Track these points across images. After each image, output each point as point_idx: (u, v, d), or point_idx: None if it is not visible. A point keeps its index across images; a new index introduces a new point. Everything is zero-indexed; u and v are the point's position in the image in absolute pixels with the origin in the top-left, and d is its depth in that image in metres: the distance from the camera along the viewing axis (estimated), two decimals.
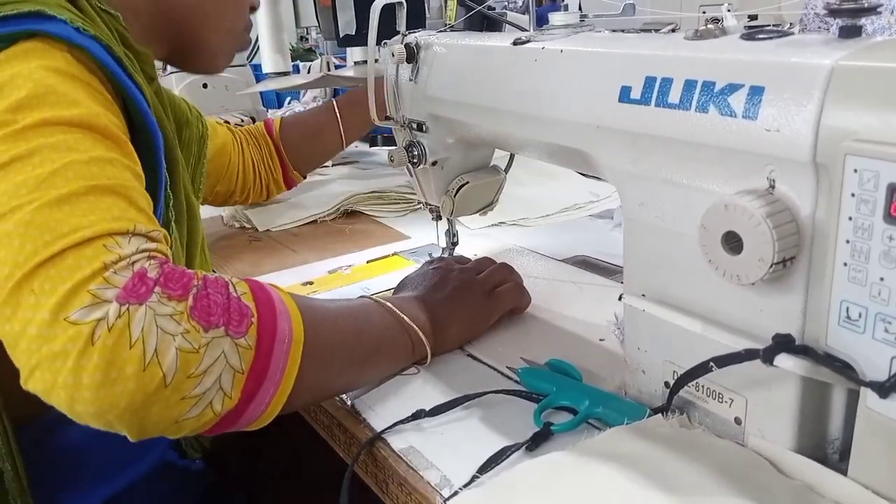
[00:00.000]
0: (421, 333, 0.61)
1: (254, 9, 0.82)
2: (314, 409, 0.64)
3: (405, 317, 0.61)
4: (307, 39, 2.57)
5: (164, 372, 0.41)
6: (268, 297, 0.49)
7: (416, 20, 0.79)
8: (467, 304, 0.67)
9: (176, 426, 0.44)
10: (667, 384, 0.52)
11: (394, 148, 0.81)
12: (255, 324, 0.46)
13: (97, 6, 0.59)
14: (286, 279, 0.90)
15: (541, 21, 0.64)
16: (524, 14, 1.03)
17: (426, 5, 0.79)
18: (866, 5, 0.40)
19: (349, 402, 0.60)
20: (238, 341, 0.44)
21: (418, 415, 0.56)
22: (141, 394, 0.41)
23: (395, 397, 0.61)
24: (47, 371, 0.41)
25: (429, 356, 0.63)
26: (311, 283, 0.88)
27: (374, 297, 0.63)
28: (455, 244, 0.86)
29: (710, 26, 0.48)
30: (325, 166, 1.39)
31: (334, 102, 1.17)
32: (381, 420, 0.57)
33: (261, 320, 0.46)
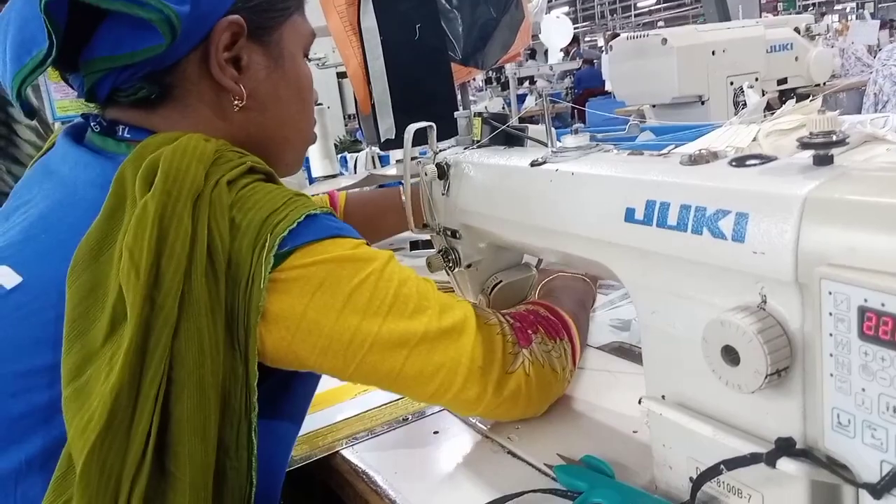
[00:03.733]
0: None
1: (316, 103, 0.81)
2: None
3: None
4: (353, 119, 2.69)
5: (557, 371, 0.72)
6: (552, 309, 0.77)
7: (449, 128, 0.86)
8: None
9: (557, 395, 0.76)
10: (691, 479, 0.56)
11: (431, 253, 0.87)
12: (561, 326, 0.75)
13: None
14: None
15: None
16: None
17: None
18: (835, 139, 0.44)
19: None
20: (564, 339, 0.74)
21: None
22: (556, 386, 0.74)
23: (437, 496, 0.65)
24: (510, 401, 0.68)
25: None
26: None
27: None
28: None
29: (702, 151, 0.53)
30: None
31: (401, 189, 1.14)
32: None
33: (561, 323, 0.76)
